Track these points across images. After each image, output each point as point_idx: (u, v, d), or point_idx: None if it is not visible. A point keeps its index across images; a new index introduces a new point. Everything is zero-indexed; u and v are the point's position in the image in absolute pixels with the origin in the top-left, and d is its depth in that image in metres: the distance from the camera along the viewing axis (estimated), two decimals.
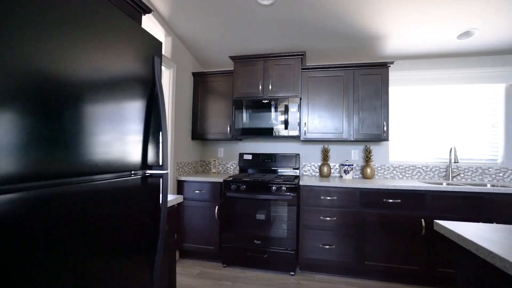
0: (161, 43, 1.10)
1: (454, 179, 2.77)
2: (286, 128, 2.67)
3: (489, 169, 2.75)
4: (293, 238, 2.38)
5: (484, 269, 0.82)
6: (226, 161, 3.34)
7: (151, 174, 1.04)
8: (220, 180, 2.60)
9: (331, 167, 3.04)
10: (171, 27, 2.59)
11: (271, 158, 3.04)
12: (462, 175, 2.78)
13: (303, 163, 3.12)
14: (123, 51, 0.93)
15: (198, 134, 3.06)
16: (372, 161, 2.88)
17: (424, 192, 2.22)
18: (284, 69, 2.73)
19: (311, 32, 2.53)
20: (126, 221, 0.95)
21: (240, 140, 3.29)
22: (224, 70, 2.97)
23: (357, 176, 2.97)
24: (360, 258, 2.30)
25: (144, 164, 1.03)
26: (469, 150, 2.82)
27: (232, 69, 2.93)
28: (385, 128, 2.57)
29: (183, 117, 2.91)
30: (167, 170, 1.03)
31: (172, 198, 1.55)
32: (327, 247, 2.36)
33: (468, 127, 2.83)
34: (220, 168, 3.35)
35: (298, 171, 2.98)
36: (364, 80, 2.63)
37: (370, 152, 2.81)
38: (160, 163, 1.04)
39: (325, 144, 3.07)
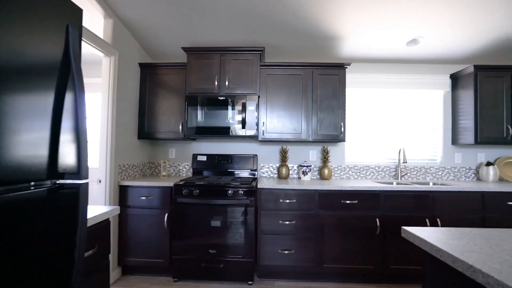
0: (80, 10, 0.83)
1: (403, 178, 2.93)
2: (243, 127, 2.51)
3: (431, 168, 2.96)
4: (251, 244, 2.22)
5: (456, 277, 0.76)
6: (178, 162, 3.05)
7: (63, 184, 0.77)
8: (170, 184, 2.32)
9: (290, 168, 2.97)
10: (112, 8, 2.22)
11: (227, 159, 2.85)
12: (409, 174, 2.95)
13: (261, 165, 3.00)
14: (27, 18, 0.65)
15: (146, 132, 2.72)
16: (329, 162, 2.88)
17: (379, 192, 2.26)
18: (242, 64, 2.57)
19: (271, 27, 2.40)
20: (27, 247, 0.68)
21: (194, 140, 3.02)
22: (177, 63, 2.68)
23: (315, 177, 2.94)
24: (319, 262, 2.25)
25: (53, 172, 0.75)
26: (415, 151, 3.02)
27: (185, 61, 2.66)
28: (342, 129, 2.57)
29: (127, 113, 2.54)
30: (86, 179, 0.77)
31: (106, 210, 1.25)
32: (286, 252, 2.26)
33: (414, 129, 3.02)
34: (172, 170, 3.04)
35: (256, 172, 2.84)
36: (323, 80, 2.61)
37: (327, 153, 2.80)
38: (77, 169, 0.78)
39: (283, 144, 2.99)
